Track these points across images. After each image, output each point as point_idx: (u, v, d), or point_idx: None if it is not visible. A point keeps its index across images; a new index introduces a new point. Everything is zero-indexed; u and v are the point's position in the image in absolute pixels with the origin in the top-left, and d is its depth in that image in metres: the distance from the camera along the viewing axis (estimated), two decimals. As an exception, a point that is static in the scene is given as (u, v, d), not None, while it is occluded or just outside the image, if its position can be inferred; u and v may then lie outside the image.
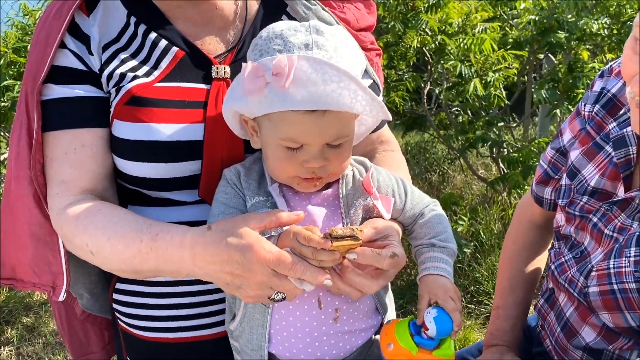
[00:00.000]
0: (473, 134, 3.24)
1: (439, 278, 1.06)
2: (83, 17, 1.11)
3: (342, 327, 1.05)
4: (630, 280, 1.07)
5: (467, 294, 3.14)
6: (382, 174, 1.12)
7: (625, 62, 1.02)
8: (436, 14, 2.92)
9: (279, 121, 0.96)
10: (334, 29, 1.02)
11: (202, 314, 1.19)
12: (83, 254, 1.08)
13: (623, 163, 1.14)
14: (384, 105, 1.02)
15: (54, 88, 1.08)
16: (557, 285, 1.26)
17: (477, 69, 2.92)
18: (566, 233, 1.26)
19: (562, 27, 3.02)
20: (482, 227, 3.52)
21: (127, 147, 1.08)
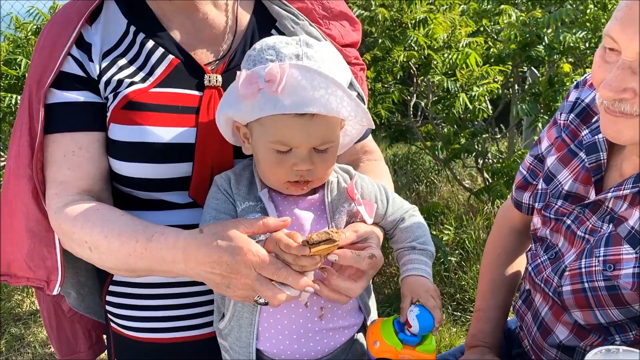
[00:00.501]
0: (458, 145, 3.32)
1: (420, 279, 1.13)
2: (86, 26, 1.18)
3: (327, 324, 1.11)
4: (599, 279, 1.14)
5: (453, 301, 3.21)
6: (366, 181, 1.19)
7: (595, 69, 1.10)
8: (423, 30, 3.01)
9: (270, 125, 1.03)
10: (322, 44, 1.10)
11: (192, 315, 1.24)
12: (81, 250, 1.14)
13: (594, 168, 1.21)
14: (368, 112, 1.10)
15: (56, 93, 1.15)
16: (533, 285, 1.33)
17: (462, 84, 3.01)
18: (542, 235, 1.32)
19: (542, 42, 3.12)
20: (467, 236, 3.60)
21: (123, 149, 1.14)
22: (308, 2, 1.30)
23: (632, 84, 1.01)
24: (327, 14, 1.31)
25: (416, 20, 2.99)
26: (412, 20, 3.01)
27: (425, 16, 2.97)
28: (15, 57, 2.90)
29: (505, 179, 3.18)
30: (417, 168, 5.38)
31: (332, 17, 1.32)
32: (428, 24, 2.98)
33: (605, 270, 1.13)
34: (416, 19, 2.99)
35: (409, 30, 2.98)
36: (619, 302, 1.13)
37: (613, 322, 1.15)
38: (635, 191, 1.12)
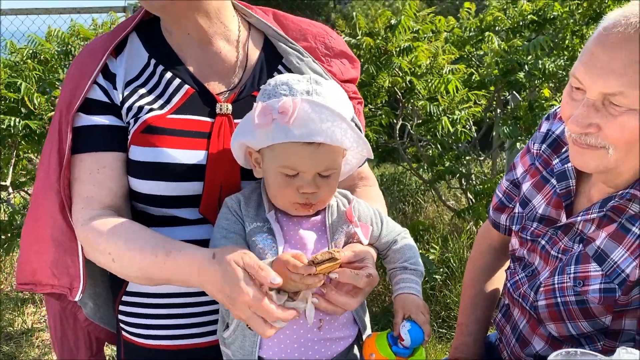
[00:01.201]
0: (442, 167, 3.44)
1: (411, 296, 1.24)
2: (111, 59, 1.32)
3: (325, 335, 1.21)
4: (570, 294, 1.24)
5: (439, 318, 3.29)
6: (362, 206, 1.31)
7: (564, 105, 1.22)
8: (407, 57, 3.15)
9: (280, 152, 1.16)
10: (329, 82, 1.24)
11: (199, 324, 1.34)
12: (104, 260, 1.24)
13: (565, 194, 1.32)
14: (368, 143, 1.23)
15: (83, 117, 1.28)
16: (512, 300, 1.43)
17: (445, 108, 3.14)
18: (520, 255, 1.43)
19: (522, 68, 3.27)
20: (452, 255, 3.70)
21: (141, 168, 1.26)
22: (312, 41, 1.43)
23: (596, 119, 1.12)
24: (329, 53, 1.44)
25: (400, 48, 3.13)
26: (397, 47, 3.15)
27: (409, 44, 3.11)
28: (15, 80, 2.98)
29: (487, 199, 3.29)
30: (404, 188, 5.50)
31: (333, 56, 1.44)
32: (412, 52, 3.12)
33: (575, 286, 1.24)
34: (400, 47, 3.13)
35: (394, 57, 3.12)
36: (587, 315, 1.23)
37: (583, 333, 1.26)
38: (601, 215, 1.23)
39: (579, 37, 3.74)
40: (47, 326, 3.57)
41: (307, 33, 1.43)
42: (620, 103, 1.10)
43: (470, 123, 3.66)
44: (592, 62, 1.12)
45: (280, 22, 1.44)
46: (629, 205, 1.20)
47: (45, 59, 3.29)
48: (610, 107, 1.11)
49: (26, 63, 3.24)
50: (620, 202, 1.20)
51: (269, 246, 1.19)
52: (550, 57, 3.53)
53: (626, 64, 1.08)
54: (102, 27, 3.55)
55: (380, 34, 3.23)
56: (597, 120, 1.12)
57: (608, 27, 1.13)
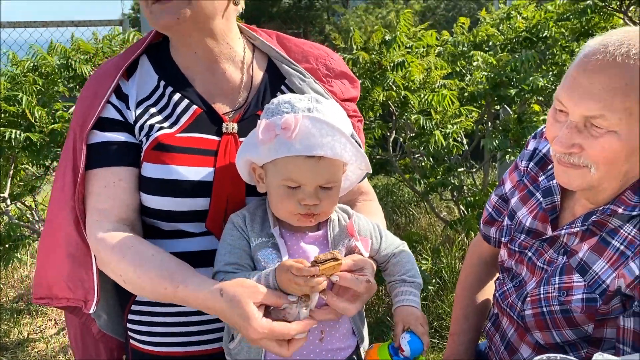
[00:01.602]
0: (435, 179, 3.51)
1: (410, 308, 1.30)
2: (123, 80, 1.38)
3: (326, 345, 1.27)
4: (555, 304, 1.31)
5: (431, 329, 3.35)
6: (362, 220, 1.37)
7: (548, 126, 1.29)
8: (401, 72, 3.23)
9: (283, 165, 1.22)
10: (329, 101, 1.31)
11: (204, 331, 1.40)
12: (115, 277, 1.30)
13: (550, 209, 1.39)
14: (367, 157, 1.30)
15: (98, 134, 1.34)
16: (500, 310, 1.49)
17: (437, 122, 3.22)
18: (508, 266, 1.50)
19: (511, 83, 3.36)
20: (444, 265, 3.76)
21: (152, 184, 1.32)
22: (313, 63, 1.50)
23: (579, 140, 1.20)
24: (330, 74, 1.51)
25: (394, 63, 3.21)
26: (391, 63, 3.23)
27: (402, 59, 3.19)
28: (15, 93, 3.03)
29: (478, 211, 3.36)
30: (397, 199, 5.57)
31: (334, 76, 1.51)
32: (405, 67, 3.20)
33: (560, 296, 1.30)
34: (394, 62, 3.21)
35: (388, 72, 3.20)
36: (571, 324, 1.30)
37: (567, 341, 1.32)
38: (584, 229, 1.30)
39: (568, 52, 3.84)
40: (43, 337, 3.60)
41: (309, 55, 1.51)
42: (601, 125, 1.17)
43: (462, 135, 3.74)
44: (574, 86, 1.20)
45: (284, 44, 1.51)
46: (609, 220, 1.27)
47: (46, 71, 3.33)
48: (591, 129, 1.19)
49: (26, 76, 3.28)
50: (601, 217, 1.27)
51: (273, 260, 1.24)
52: (539, 72, 3.63)
53: (605, 89, 1.15)
54: (102, 42, 3.60)
55: (375, 49, 3.31)
56: (580, 141, 1.20)
57: (588, 55, 1.20)
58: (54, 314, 3.92)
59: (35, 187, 3.93)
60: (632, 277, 1.20)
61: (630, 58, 1.15)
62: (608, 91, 1.15)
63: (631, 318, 1.21)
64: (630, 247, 1.21)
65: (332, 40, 3.76)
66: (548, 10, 3.97)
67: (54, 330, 3.73)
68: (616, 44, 1.17)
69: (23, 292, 4.23)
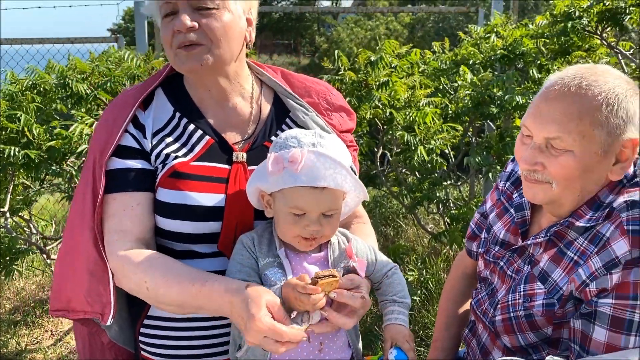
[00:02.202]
0: (420, 193, 3.65)
1: (399, 327, 1.44)
2: (140, 111, 1.51)
3: (324, 356, 1.41)
4: (520, 310, 1.45)
5: (417, 337, 3.47)
6: (360, 243, 1.52)
7: (516, 149, 1.46)
8: (386, 91, 3.37)
9: (289, 195, 1.36)
10: (332, 136, 1.45)
11: (211, 345, 1.52)
12: (137, 288, 1.40)
13: (520, 222, 1.56)
14: (365, 188, 1.44)
15: (117, 161, 1.46)
16: (476, 317, 1.64)
17: (421, 138, 3.36)
18: (484, 276, 1.65)
19: (493, 101, 3.51)
20: (429, 276, 3.89)
21: (168, 208, 1.44)
22: (315, 97, 1.65)
23: (541, 159, 1.37)
24: (330, 107, 1.66)
25: (380, 82, 3.36)
26: (376, 82, 3.38)
27: (387, 79, 3.34)
28: (14, 112, 3.14)
29: (462, 224, 3.50)
30: (386, 211, 5.70)
31: (333, 110, 1.66)
32: (390, 86, 3.35)
33: (524, 302, 1.45)
34: (380, 81, 3.36)
35: (374, 90, 3.34)
36: (533, 327, 1.44)
37: (530, 344, 1.46)
38: (547, 239, 1.45)
39: (546, 70, 4.00)
40: (41, 348, 3.69)
41: (311, 90, 1.66)
42: (559, 146, 1.34)
43: (448, 149, 3.88)
44: (537, 113, 1.37)
45: (288, 80, 1.66)
46: (567, 232, 1.43)
47: (44, 89, 3.43)
48: (551, 149, 1.36)
49: (25, 94, 3.39)
50: (560, 228, 1.43)
51: (279, 278, 1.37)
52: (520, 90, 3.78)
53: (562, 114, 1.33)
54: (98, 61, 3.71)
55: (361, 69, 3.46)
56: (542, 159, 1.37)
57: (549, 87, 1.39)
58: (50, 325, 4.01)
59: (32, 201, 4.03)
60: (579, 281, 1.35)
61: (582, 89, 1.33)
62: (564, 116, 1.33)
63: (579, 320, 1.36)
64: (582, 257, 1.37)
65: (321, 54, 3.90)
66: (528, 27, 4.14)
67: (50, 342, 3.81)
68: (571, 77, 1.36)
69: (19, 304, 4.31)
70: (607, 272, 1.30)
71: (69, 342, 3.78)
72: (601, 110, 1.32)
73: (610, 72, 1.38)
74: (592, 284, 1.32)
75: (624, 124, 1.33)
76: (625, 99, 1.33)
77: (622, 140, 1.34)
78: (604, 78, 1.35)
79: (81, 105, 3.36)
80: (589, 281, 1.33)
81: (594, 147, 1.33)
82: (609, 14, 3.50)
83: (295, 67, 19.00)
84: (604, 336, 1.31)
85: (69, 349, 3.70)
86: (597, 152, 1.33)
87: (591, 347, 1.32)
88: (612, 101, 1.32)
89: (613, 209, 1.36)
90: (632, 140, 1.35)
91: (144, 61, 3.64)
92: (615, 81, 1.35)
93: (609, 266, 1.30)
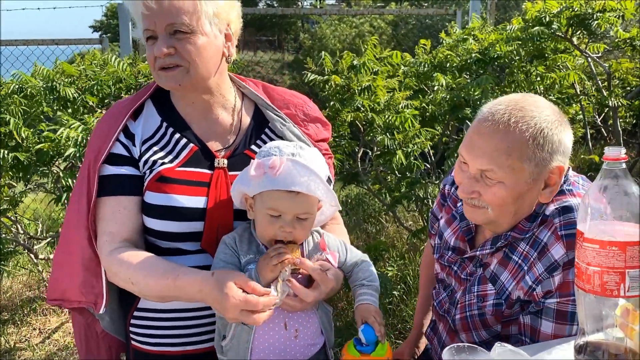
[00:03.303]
0: (399, 192, 3.78)
1: (366, 305, 1.58)
2: (131, 121, 1.66)
3: (300, 342, 1.56)
4: (474, 309, 1.60)
5: (396, 330, 3.61)
6: (331, 238, 1.67)
7: (455, 172, 1.59)
8: (368, 95, 3.49)
9: (267, 197, 1.50)
10: (311, 149, 1.60)
11: (197, 333, 1.66)
12: (124, 284, 1.56)
13: (466, 231, 1.70)
14: (336, 196, 1.58)
15: (109, 167, 1.61)
16: (438, 317, 1.77)
17: (400, 141, 3.49)
18: (441, 277, 1.80)
19: (468, 104, 3.65)
20: (408, 272, 4.03)
21: (155, 210, 1.59)
22: (293, 109, 1.79)
23: (477, 188, 1.50)
24: (306, 118, 1.81)
25: (362, 87, 3.48)
26: (359, 87, 3.50)
27: (369, 84, 3.46)
28: (3, 116, 3.21)
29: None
30: (368, 208, 5.84)
31: (309, 120, 1.81)
32: (372, 90, 3.47)
33: (478, 302, 1.60)
34: (362, 86, 3.48)
35: (356, 95, 3.46)
36: (485, 325, 1.59)
37: (483, 340, 1.61)
38: (493, 250, 1.59)
39: (524, 72, 4.14)
40: (29, 345, 3.77)
41: (289, 103, 1.80)
42: (492, 177, 1.47)
43: (428, 147, 4.01)
44: (471, 146, 1.49)
45: (268, 93, 1.80)
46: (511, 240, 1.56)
47: (31, 93, 3.50)
48: (486, 179, 1.48)
49: (12, 97, 3.45)
50: (505, 242, 1.56)
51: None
52: (496, 92, 3.92)
53: (493, 149, 1.45)
54: (84, 63, 3.78)
55: (344, 73, 3.58)
56: (478, 188, 1.50)
57: (481, 120, 1.50)
58: (38, 323, 4.08)
59: (19, 201, 4.09)
60: (526, 287, 1.50)
61: (510, 126, 1.44)
62: (494, 151, 1.45)
63: (528, 316, 1.51)
64: (525, 261, 1.51)
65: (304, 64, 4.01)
66: (504, 30, 4.27)
67: (38, 339, 3.89)
68: (501, 112, 1.47)
69: (7, 302, 4.37)
70: (550, 275, 1.45)
71: (57, 340, 3.87)
72: (528, 145, 1.43)
73: (538, 104, 1.48)
74: (538, 288, 1.47)
75: (550, 156, 1.46)
76: (551, 132, 1.44)
77: (550, 168, 1.47)
78: (531, 113, 1.45)
79: (67, 108, 3.44)
80: (535, 285, 1.48)
81: (523, 177, 1.45)
82: (578, 19, 3.65)
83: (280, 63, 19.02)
84: (551, 328, 1.46)
85: (57, 347, 3.79)
86: (527, 181, 1.46)
87: (540, 339, 1.48)
88: (538, 136, 1.43)
89: (546, 216, 1.50)
90: (559, 167, 1.48)
91: (129, 65, 3.72)
92: (542, 115, 1.45)
93: (550, 269, 1.45)
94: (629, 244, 1.13)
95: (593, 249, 1.15)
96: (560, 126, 1.48)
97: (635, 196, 1.15)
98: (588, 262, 1.15)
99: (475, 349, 1.24)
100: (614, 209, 1.16)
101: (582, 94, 4.55)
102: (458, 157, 1.57)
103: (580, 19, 3.65)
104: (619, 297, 1.14)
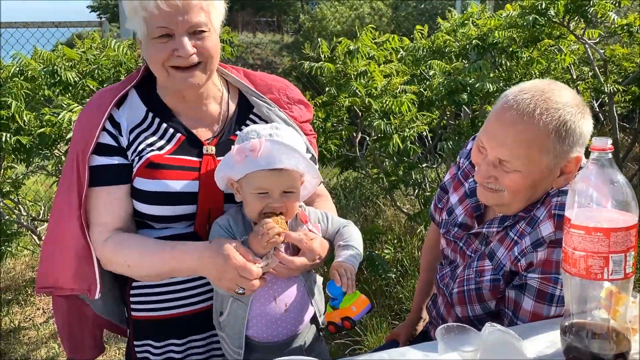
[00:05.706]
0: (396, 177, 3.84)
1: (335, 263, 1.64)
2: (115, 110, 1.68)
3: (289, 315, 1.64)
4: (472, 284, 1.67)
5: (392, 311, 3.69)
6: (311, 211, 1.75)
7: (473, 154, 1.64)
8: (364, 80, 3.53)
9: (253, 178, 1.57)
10: (287, 127, 1.66)
11: (191, 296, 1.73)
12: (120, 268, 1.63)
13: (475, 207, 1.75)
14: (317, 168, 1.64)
15: (97, 158, 1.65)
16: (438, 290, 1.85)
17: (396, 126, 3.54)
18: (446, 253, 1.86)
19: (465, 89, 3.68)
20: (405, 254, 4.11)
21: (146, 196, 1.64)
22: (276, 93, 1.85)
23: (494, 173, 1.55)
24: (290, 101, 1.87)
25: (358, 72, 3.51)
26: (355, 72, 3.54)
27: (365, 69, 3.50)
28: (5, 99, 3.24)
29: (435, 205, 3.70)
30: (365, 192, 5.90)
31: (293, 103, 1.87)
32: (368, 75, 3.51)
33: (475, 277, 1.67)
34: (358, 71, 3.52)
35: (352, 80, 3.50)
36: (480, 299, 1.66)
37: (476, 316, 1.68)
38: (500, 229, 1.64)
39: (516, 58, 4.17)
40: (34, 324, 3.85)
41: (272, 87, 1.85)
42: (509, 165, 1.52)
43: (426, 131, 4.06)
44: (493, 134, 1.54)
45: (250, 78, 1.85)
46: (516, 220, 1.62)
47: (32, 76, 3.52)
48: (503, 166, 1.54)
49: (13, 81, 3.47)
50: (512, 222, 1.62)
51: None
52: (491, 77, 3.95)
53: (513, 141, 1.50)
54: (83, 46, 3.79)
55: (340, 58, 3.61)
56: (495, 173, 1.56)
57: (505, 107, 1.51)
58: (42, 303, 4.16)
59: (21, 184, 4.14)
60: (513, 257, 1.57)
61: (535, 117, 1.47)
62: (515, 142, 1.49)
63: (512, 290, 1.58)
64: (521, 237, 1.58)
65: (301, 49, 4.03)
66: (501, 17, 4.29)
67: (42, 319, 3.97)
68: (526, 102, 1.49)
69: (10, 283, 4.45)
70: (534, 250, 1.52)
71: (60, 320, 3.94)
72: (550, 138, 1.46)
73: (562, 94, 1.49)
74: (522, 259, 1.54)
75: (570, 148, 1.49)
76: (574, 124, 1.47)
77: (568, 159, 1.52)
78: (555, 105, 1.46)
79: (68, 91, 3.46)
80: (520, 257, 1.55)
81: (540, 168, 1.50)
82: (574, 5, 3.68)
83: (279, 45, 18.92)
84: (531, 306, 1.53)
85: (60, 326, 3.86)
86: (543, 171, 1.51)
87: (520, 314, 1.56)
88: (561, 129, 1.46)
89: (548, 194, 1.57)
90: (577, 157, 1.52)
91: (129, 48, 3.74)
92: (566, 107, 1.46)
93: (536, 244, 1.52)
94: (613, 230, 1.19)
95: (579, 235, 1.21)
96: (582, 117, 1.49)
97: (620, 185, 1.21)
98: (574, 247, 1.22)
99: (464, 328, 1.31)
100: (600, 197, 1.22)
101: (578, 79, 4.58)
102: (478, 137, 1.60)
103: (577, 5, 3.68)
104: (602, 280, 1.21)
